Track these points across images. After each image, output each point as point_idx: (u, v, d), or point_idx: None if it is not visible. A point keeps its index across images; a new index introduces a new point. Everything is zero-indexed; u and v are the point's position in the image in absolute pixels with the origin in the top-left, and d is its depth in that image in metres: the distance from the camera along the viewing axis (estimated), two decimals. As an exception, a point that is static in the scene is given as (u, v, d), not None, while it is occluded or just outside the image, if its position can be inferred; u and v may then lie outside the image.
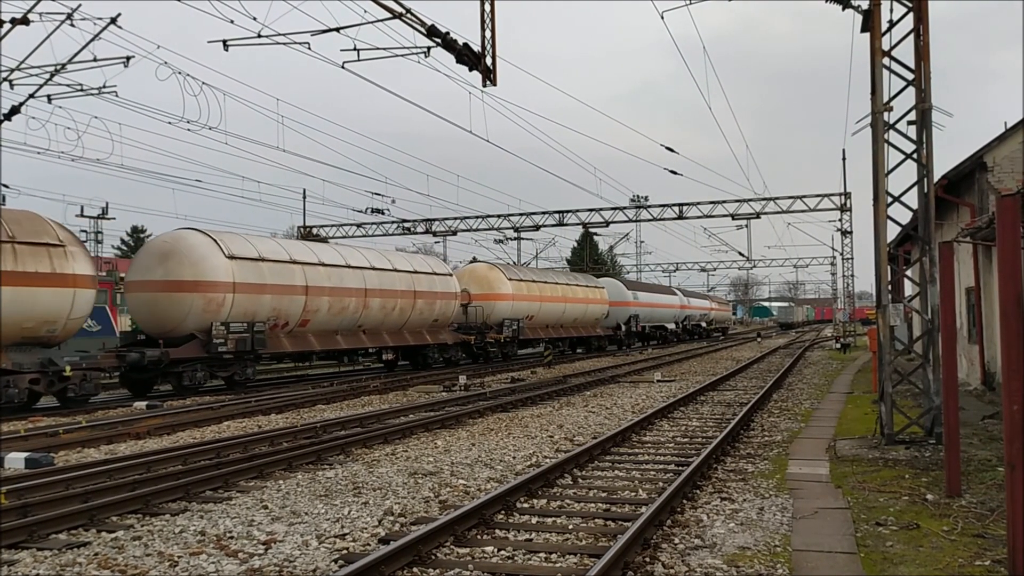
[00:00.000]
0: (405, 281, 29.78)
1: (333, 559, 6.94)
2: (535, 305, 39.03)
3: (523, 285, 38.23)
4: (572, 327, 44.11)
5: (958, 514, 7.96)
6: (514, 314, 36.63)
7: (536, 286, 39.59)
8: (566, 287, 43.16)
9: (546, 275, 42.69)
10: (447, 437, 14.00)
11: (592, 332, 46.56)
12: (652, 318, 55.93)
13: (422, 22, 14.06)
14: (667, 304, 59.92)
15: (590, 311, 45.63)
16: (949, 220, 20.52)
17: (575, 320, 44.04)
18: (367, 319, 27.85)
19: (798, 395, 20.72)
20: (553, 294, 41.14)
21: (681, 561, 6.71)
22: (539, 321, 39.85)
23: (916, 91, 12.09)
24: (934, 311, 11.83)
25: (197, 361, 22.12)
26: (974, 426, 13.14)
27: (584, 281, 47.03)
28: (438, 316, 31.82)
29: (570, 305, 42.91)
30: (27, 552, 7.32)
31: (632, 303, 51.11)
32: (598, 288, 47.59)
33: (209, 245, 22.68)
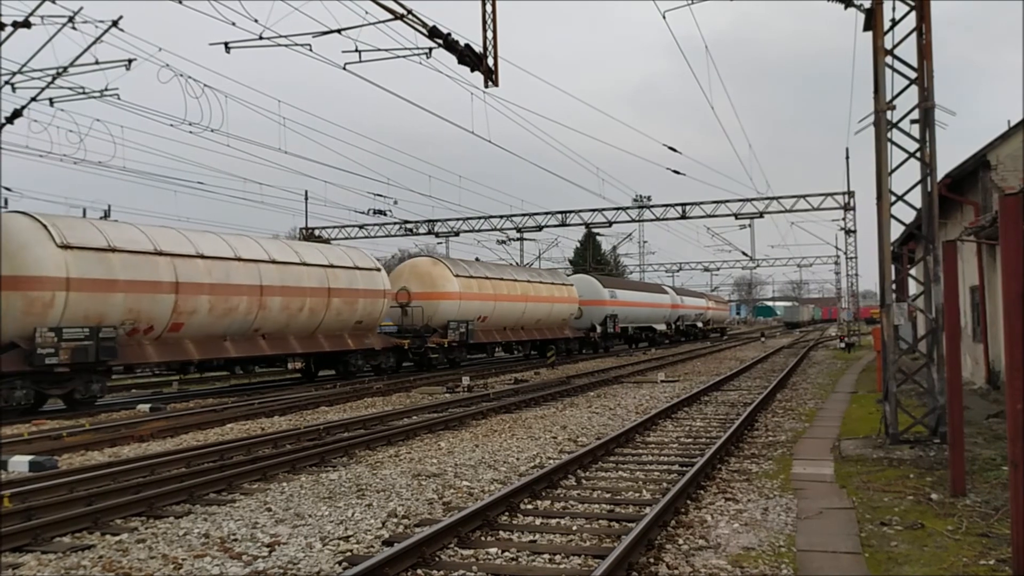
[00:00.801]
0: (317, 277, 25.75)
1: (337, 561, 6.94)
2: (488, 305, 34.66)
3: (473, 282, 33.88)
4: (535, 329, 39.54)
5: (963, 513, 7.94)
6: (462, 315, 32.52)
7: (490, 283, 35.16)
8: (527, 284, 38.51)
9: (503, 271, 38.14)
10: (450, 438, 13.99)
11: (559, 334, 41.73)
12: (635, 318, 51.38)
13: (424, 23, 14.06)
14: (654, 303, 55.43)
15: (556, 311, 41.17)
16: (953, 219, 20.48)
17: (538, 321, 39.55)
18: (266, 322, 23.75)
19: (802, 395, 20.69)
20: (511, 292, 36.75)
21: (685, 562, 6.70)
22: (494, 323, 35.70)
23: (919, 89, 12.06)
24: (938, 310, 11.79)
25: (16, 377, 17.76)
26: (979, 425, 13.11)
27: (550, 278, 42.44)
28: (362, 318, 27.75)
29: (532, 304, 38.40)
30: (31, 555, 7.32)
31: (608, 302, 46.41)
32: (566, 286, 43.24)
33: (34, 231, 18.47)
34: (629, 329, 50.65)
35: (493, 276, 35.96)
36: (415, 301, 32.05)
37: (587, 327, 44.59)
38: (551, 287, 41.21)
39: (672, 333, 59.89)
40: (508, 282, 36.90)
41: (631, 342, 53.35)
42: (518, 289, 37.45)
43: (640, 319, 52.28)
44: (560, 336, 41.73)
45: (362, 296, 27.64)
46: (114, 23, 18.37)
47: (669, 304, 58.66)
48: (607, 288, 47.20)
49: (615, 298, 47.62)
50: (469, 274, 34.08)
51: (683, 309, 63.04)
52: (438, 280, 32.52)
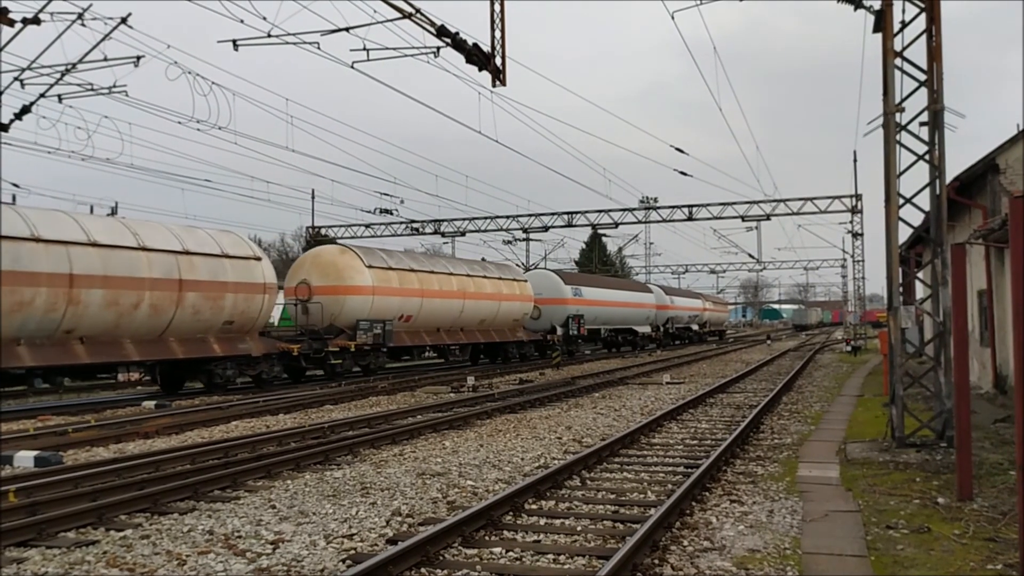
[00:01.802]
0: (162, 265, 20.65)
1: (341, 559, 6.93)
2: (413, 302, 29.88)
3: (392, 275, 29.16)
4: (479, 330, 34.66)
5: (969, 518, 7.89)
6: (377, 313, 27.68)
7: (415, 276, 30.39)
8: (466, 279, 33.52)
9: (435, 262, 33.34)
10: (455, 438, 13.98)
11: (510, 336, 36.62)
12: (608, 319, 46.05)
13: (432, 22, 14.05)
14: (633, 303, 49.94)
15: (506, 310, 35.98)
16: (961, 222, 20.40)
17: (482, 322, 34.63)
18: (82, 321, 18.80)
19: (808, 398, 20.63)
20: (444, 287, 31.87)
21: (690, 563, 6.68)
22: (423, 322, 30.91)
23: (928, 92, 12.02)
24: (946, 314, 11.75)
25: None
26: (985, 429, 13.05)
27: (498, 272, 36.88)
28: (234, 317, 22.70)
29: (473, 302, 33.39)
30: (36, 550, 7.33)
31: (571, 300, 41.29)
32: (518, 281, 37.87)
33: None
34: (602, 331, 46.27)
35: (420, 268, 31.12)
36: (316, 297, 27.21)
37: (546, 329, 39.94)
38: (498, 283, 35.93)
39: (659, 336, 55.29)
40: (441, 276, 32.21)
41: (609, 346, 49.63)
42: (454, 284, 32.59)
43: (615, 320, 47.37)
44: (511, 339, 36.77)
45: (232, 291, 22.42)
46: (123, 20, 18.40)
47: (654, 304, 53.65)
48: (570, 285, 42.12)
49: (580, 296, 42.45)
50: (387, 265, 29.25)
51: (673, 310, 58.43)
52: (345, 272, 27.60)
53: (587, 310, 42.37)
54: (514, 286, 37.31)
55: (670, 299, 57.94)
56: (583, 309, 41.94)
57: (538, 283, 40.53)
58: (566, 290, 41.34)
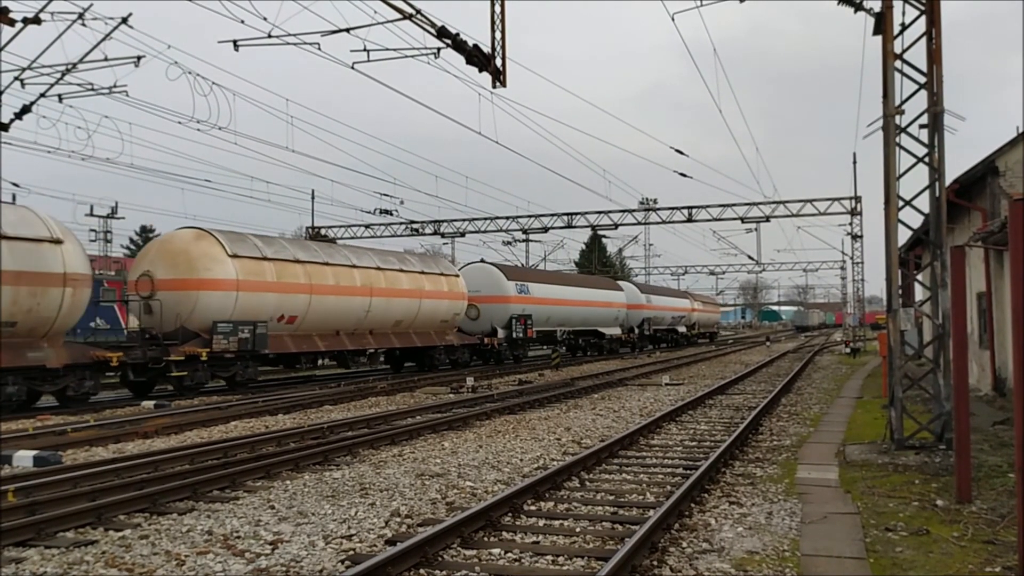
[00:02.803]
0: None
1: (340, 560, 6.93)
2: (298, 299, 24.74)
3: (267, 267, 23.84)
4: (394, 333, 29.67)
5: (968, 520, 7.90)
6: (244, 313, 22.79)
7: (301, 269, 25.05)
8: (374, 272, 28.32)
9: (331, 253, 27.65)
10: (454, 439, 13.98)
11: (437, 340, 31.69)
12: (565, 320, 41.34)
13: (432, 23, 14.06)
14: (597, 301, 44.93)
15: (429, 310, 31.03)
16: (961, 224, 20.41)
17: (398, 323, 29.72)
18: None
19: (807, 399, 20.63)
20: (344, 282, 26.74)
21: (689, 565, 6.68)
22: (313, 324, 25.74)
23: (928, 94, 12.02)
24: (945, 316, 11.75)
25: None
26: (984, 432, 13.05)
27: (420, 265, 31.77)
28: (14, 316, 17.87)
29: (382, 300, 28.45)
30: (35, 550, 7.33)
31: (515, 298, 36.47)
32: (446, 276, 32.85)
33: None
34: (558, 333, 41.33)
35: (309, 259, 25.67)
36: (160, 293, 22.14)
37: (486, 331, 35.49)
38: (419, 277, 30.84)
39: (634, 339, 50.72)
40: (339, 268, 26.71)
41: (576, 350, 44.41)
42: (356, 278, 27.34)
43: (574, 321, 42.69)
44: (438, 343, 31.76)
45: (11, 282, 17.73)
46: (123, 20, 18.42)
47: (623, 304, 48.60)
48: (514, 280, 37.04)
49: (527, 294, 37.54)
50: (260, 254, 23.92)
51: (650, 311, 53.13)
52: (200, 262, 22.34)
53: (536, 309, 37.55)
54: (441, 281, 32.09)
55: (646, 298, 53.01)
56: (531, 308, 37.13)
57: (475, 278, 35.71)
58: (508, 286, 36.42)
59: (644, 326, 51.48)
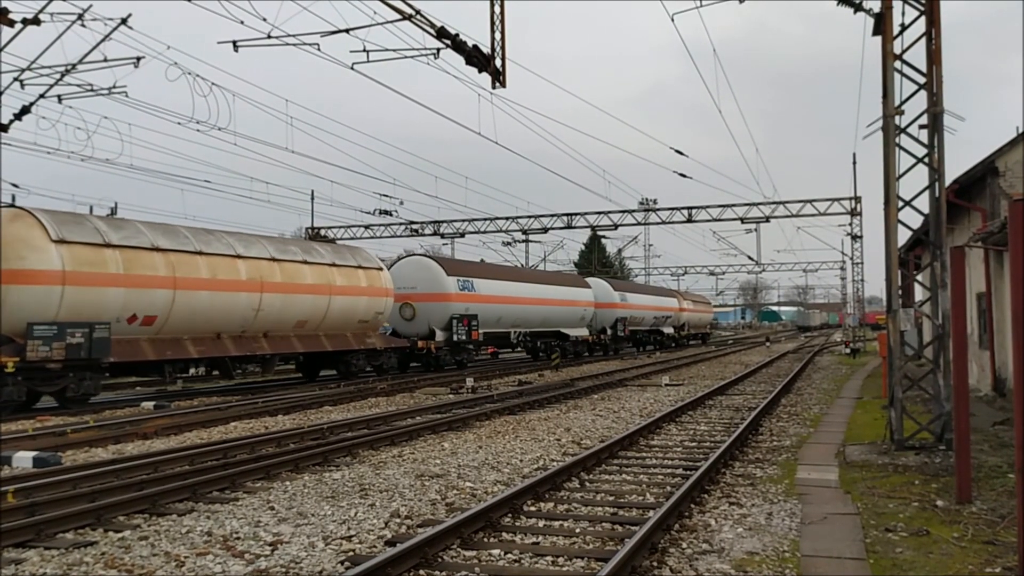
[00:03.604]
0: None
1: (339, 560, 6.92)
2: (156, 295, 20.57)
3: (110, 255, 19.63)
4: (297, 336, 25.24)
5: (968, 520, 7.90)
6: (76, 312, 18.76)
7: (161, 258, 20.88)
8: (267, 264, 23.94)
9: (207, 240, 22.74)
10: (454, 439, 13.98)
11: (355, 344, 27.35)
12: (519, 320, 36.81)
13: (432, 23, 14.06)
14: (559, 300, 40.26)
15: (342, 308, 26.71)
16: (960, 225, 20.41)
17: (301, 324, 25.24)
18: None
19: (807, 400, 20.63)
20: (223, 275, 22.49)
21: (689, 566, 6.67)
22: (180, 326, 21.38)
23: (928, 95, 12.03)
24: (945, 316, 11.75)
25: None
26: (984, 432, 13.05)
27: (331, 256, 27.51)
28: None
29: (277, 297, 24.05)
30: (34, 551, 7.32)
31: (456, 296, 32.19)
32: (366, 270, 28.40)
33: None
34: (513, 335, 37.13)
35: (173, 247, 21.42)
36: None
37: (423, 333, 31.54)
38: (329, 271, 26.65)
39: (606, 340, 46.66)
40: (216, 258, 22.54)
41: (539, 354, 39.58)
42: (242, 271, 23.17)
43: (532, 322, 38.15)
44: (355, 347, 27.49)
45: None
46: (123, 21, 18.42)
47: (590, 302, 43.89)
48: (455, 276, 32.83)
49: (471, 291, 33.34)
50: (101, 240, 19.75)
51: (625, 310, 48.36)
52: (12, 248, 18.19)
53: (483, 308, 33.56)
54: (357, 276, 27.77)
55: (620, 296, 48.23)
56: (477, 307, 33.15)
57: (410, 274, 32.15)
58: (449, 282, 32.16)
59: (617, 327, 46.94)
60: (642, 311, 51.42)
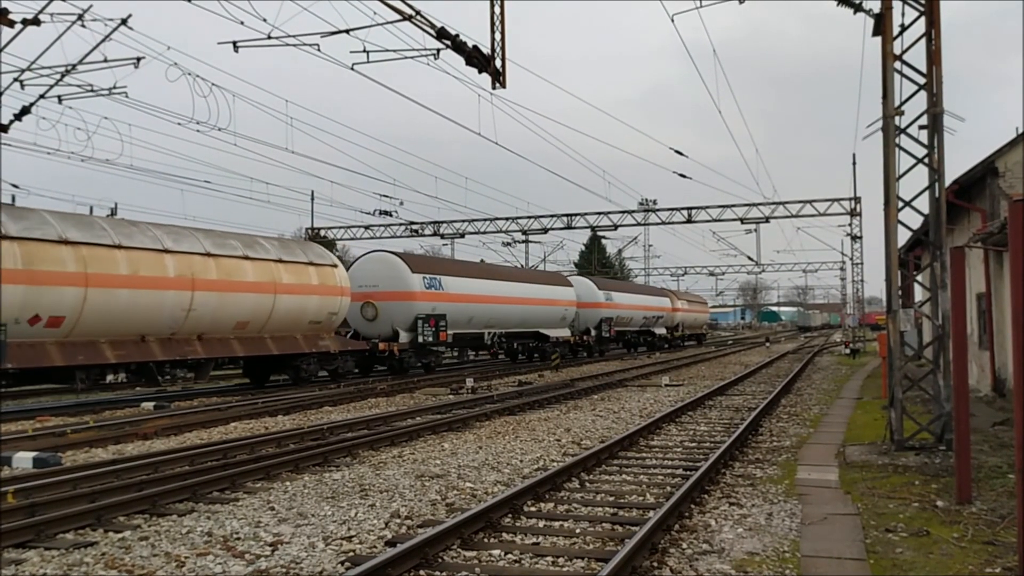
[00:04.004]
0: None
1: (340, 561, 6.92)
2: (66, 293, 18.20)
3: (4, 248, 17.12)
4: (237, 338, 22.83)
5: (968, 521, 7.90)
6: None
7: (70, 252, 18.50)
8: (201, 260, 21.59)
9: (130, 232, 20.33)
10: (454, 440, 13.98)
11: (306, 346, 25.11)
12: (494, 320, 34.56)
13: (432, 24, 14.06)
14: (538, 299, 37.80)
15: (288, 308, 24.19)
16: (960, 225, 20.41)
17: (242, 324, 22.81)
18: None
19: (807, 400, 20.63)
20: (147, 271, 20.09)
21: (689, 566, 6.67)
22: (97, 327, 18.99)
23: (928, 95, 12.03)
24: (945, 317, 11.75)
25: None
26: (984, 432, 13.05)
27: (278, 252, 24.82)
28: None
29: (213, 296, 21.69)
30: (34, 551, 7.32)
31: (422, 294, 30.03)
32: (317, 266, 25.99)
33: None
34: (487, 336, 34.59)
35: (85, 239, 18.99)
36: None
37: (385, 334, 29.45)
38: (274, 267, 24.11)
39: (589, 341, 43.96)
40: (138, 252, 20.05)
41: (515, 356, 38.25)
42: (169, 266, 20.66)
43: (510, 321, 35.70)
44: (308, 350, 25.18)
45: None
46: (123, 21, 18.41)
47: (572, 301, 41.44)
48: (420, 273, 30.55)
49: (439, 289, 31.05)
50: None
51: (611, 309, 45.81)
52: None
53: (452, 308, 31.46)
54: (308, 273, 25.51)
55: (605, 295, 45.62)
56: (445, 307, 31.07)
57: (371, 271, 30.14)
58: (413, 280, 30.01)
59: (602, 327, 44.59)
60: (630, 311, 49.17)
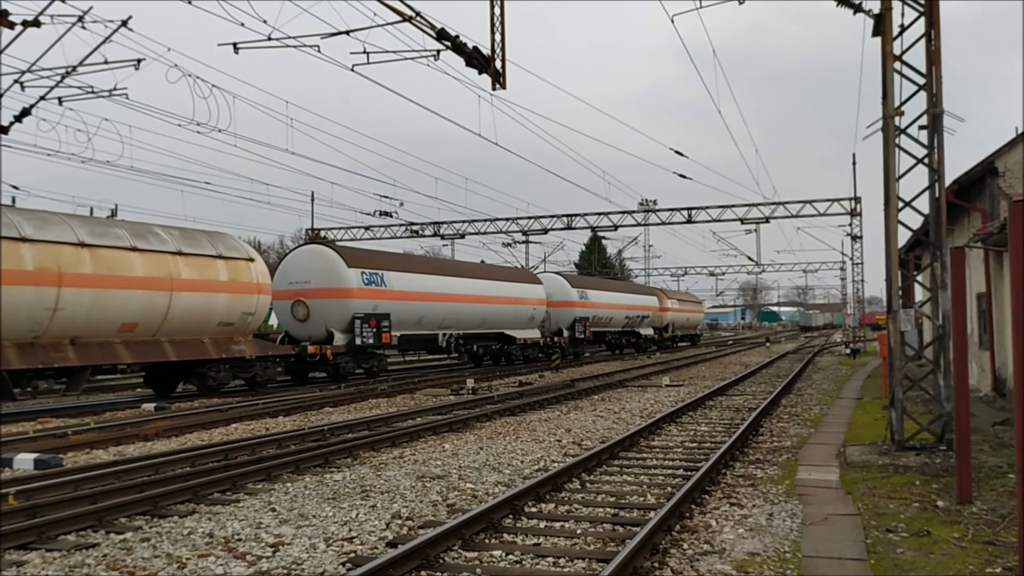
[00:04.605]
0: None
1: (341, 562, 6.93)
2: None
3: None
4: (128, 342, 19.94)
5: (969, 521, 7.91)
6: None
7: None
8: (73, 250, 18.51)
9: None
10: (455, 440, 13.98)
11: (214, 352, 22.15)
12: (449, 320, 31.43)
13: (432, 25, 14.07)
14: (502, 297, 34.83)
15: (188, 307, 21.27)
16: (960, 225, 20.42)
17: (130, 326, 19.84)
18: None
19: (807, 400, 20.63)
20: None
21: (690, 566, 6.68)
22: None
23: (927, 95, 12.04)
24: (945, 317, 11.76)
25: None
26: (984, 432, 13.06)
27: (177, 243, 21.58)
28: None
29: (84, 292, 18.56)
30: (36, 553, 7.33)
31: (360, 291, 26.87)
32: (225, 259, 22.86)
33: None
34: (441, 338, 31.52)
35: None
36: None
37: (319, 336, 26.12)
38: (171, 260, 21.12)
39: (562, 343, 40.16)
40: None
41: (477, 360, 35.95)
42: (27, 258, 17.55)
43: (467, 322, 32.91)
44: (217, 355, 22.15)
45: None
46: (123, 23, 18.42)
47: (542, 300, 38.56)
48: (358, 268, 27.33)
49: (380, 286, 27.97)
50: None
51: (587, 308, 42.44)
52: None
53: (397, 307, 28.33)
54: (214, 267, 22.30)
55: (579, 292, 42.32)
56: (387, 305, 27.88)
57: (302, 267, 26.95)
58: (349, 276, 26.79)
59: (576, 328, 41.25)
60: (609, 310, 45.68)
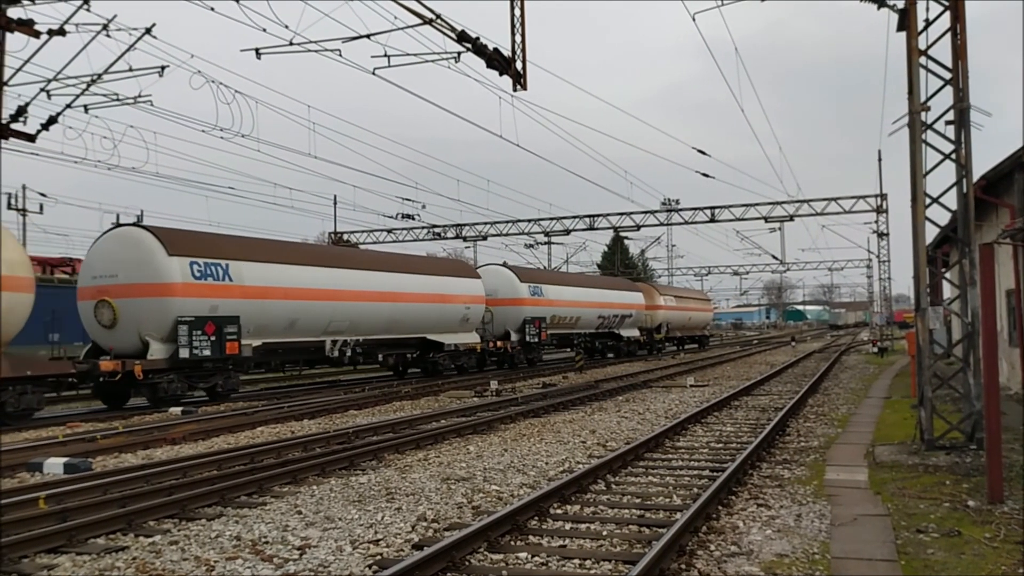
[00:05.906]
0: None
1: (367, 564, 6.95)
2: None
3: None
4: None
5: (1000, 521, 7.79)
6: None
7: None
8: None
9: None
10: (479, 443, 13.98)
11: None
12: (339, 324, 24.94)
13: (452, 27, 14.08)
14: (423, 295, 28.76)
15: None
16: (988, 221, 20.14)
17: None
18: None
19: (834, 400, 20.45)
20: None
21: (718, 568, 6.63)
22: None
23: (954, 90, 11.89)
24: (974, 314, 11.61)
25: None
26: (1015, 431, 12.86)
27: None
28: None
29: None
30: (66, 556, 7.41)
31: (185, 288, 20.51)
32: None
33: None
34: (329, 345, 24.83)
35: None
36: None
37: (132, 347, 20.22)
38: None
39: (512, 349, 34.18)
40: None
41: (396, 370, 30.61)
42: None
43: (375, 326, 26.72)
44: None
45: None
46: (147, 30, 18.57)
47: (480, 298, 32.21)
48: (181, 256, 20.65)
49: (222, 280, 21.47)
50: None
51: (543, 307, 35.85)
52: None
53: (251, 307, 21.95)
54: None
55: (531, 288, 35.66)
56: (234, 305, 21.52)
57: (109, 256, 20.74)
58: (170, 268, 20.38)
59: (527, 330, 34.57)
60: (574, 308, 38.73)
